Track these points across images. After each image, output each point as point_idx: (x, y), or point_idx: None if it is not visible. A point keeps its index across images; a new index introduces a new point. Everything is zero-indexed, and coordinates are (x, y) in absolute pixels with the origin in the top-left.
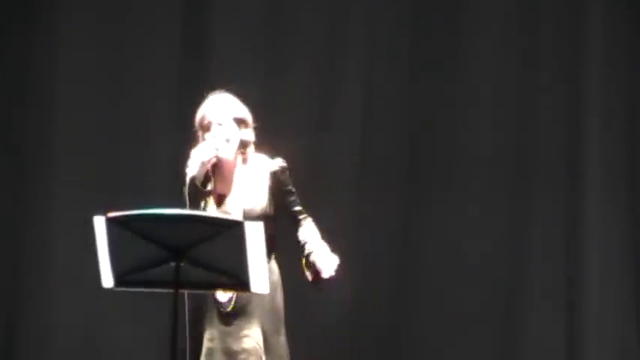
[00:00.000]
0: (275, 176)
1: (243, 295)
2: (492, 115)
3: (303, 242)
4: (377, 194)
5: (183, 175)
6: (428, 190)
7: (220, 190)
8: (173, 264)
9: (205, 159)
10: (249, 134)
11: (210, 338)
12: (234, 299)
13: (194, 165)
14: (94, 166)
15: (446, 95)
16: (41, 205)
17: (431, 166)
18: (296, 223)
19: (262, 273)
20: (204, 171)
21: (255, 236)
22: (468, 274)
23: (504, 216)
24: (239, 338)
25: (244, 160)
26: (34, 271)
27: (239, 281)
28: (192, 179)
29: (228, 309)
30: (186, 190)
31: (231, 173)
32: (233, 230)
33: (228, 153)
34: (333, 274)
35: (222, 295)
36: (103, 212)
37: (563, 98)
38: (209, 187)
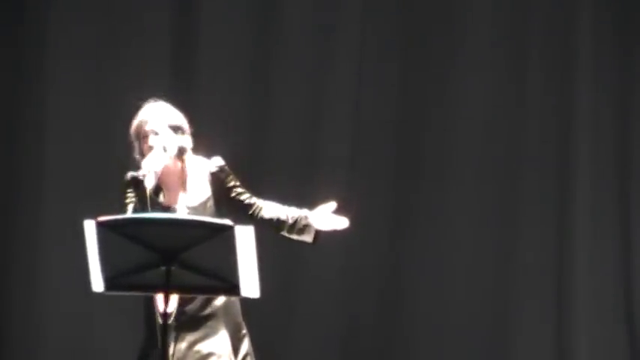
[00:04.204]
0: (215, 176)
1: (197, 304)
2: (483, 122)
3: (277, 217)
4: (366, 199)
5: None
6: (417, 194)
7: (167, 200)
8: (163, 268)
9: (158, 169)
10: (186, 140)
11: (178, 348)
12: (174, 313)
13: (150, 177)
14: (84, 170)
15: (436, 102)
16: (31, 207)
17: (420, 171)
18: (253, 209)
19: (253, 277)
20: (156, 182)
21: (245, 240)
22: (458, 277)
23: (494, 219)
24: (207, 343)
25: (183, 167)
26: (23, 273)
27: (229, 285)
28: (151, 191)
29: (170, 321)
30: (147, 201)
31: (174, 181)
32: (223, 234)
33: (167, 160)
34: (336, 226)
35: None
36: (94, 216)
37: (554, 102)
38: (161, 197)
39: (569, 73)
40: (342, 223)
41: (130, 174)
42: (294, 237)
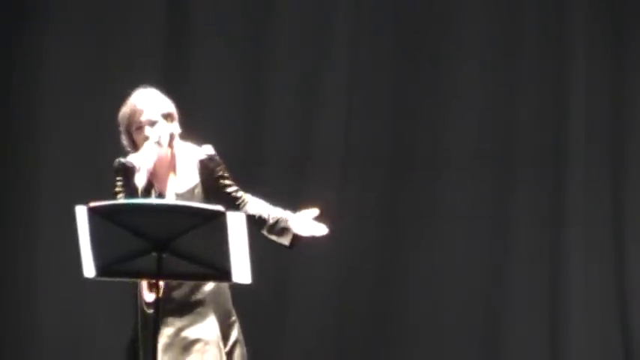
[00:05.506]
0: (204, 164)
1: (185, 290)
2: (478, 121)
3: (260, 214)
4: (360, 190)
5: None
6: (411, 192)
7: (159, 189)
8: (155, 255)
9: (150, 166)
10: (176, 127)
11: (166, 334)
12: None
13: (142, 175)
14: (79, 162)
15: (430, 92)
16: (27, 204)
17: (414, 161)
18: (238, 203)
19: (244, 263)
20: (147, 177)
21: (237, 226)
22: (453, 275)
23: (489, 218)
24: (195, 329)
25: (172, 153)
26: (20, 270)
27: (221, 271)
28: (142, 189)
29: (149, 310)
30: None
31: (163, 168)
32: (215, 220)
33: (163, 151)
34: (315, 233)
35: (149, 296)
36: (86, 203)
37: (548, 93)
38: (152, 194)
39: (564, 71)
40: (321, 230)
41: (118, 161)
42: (273, 238)
